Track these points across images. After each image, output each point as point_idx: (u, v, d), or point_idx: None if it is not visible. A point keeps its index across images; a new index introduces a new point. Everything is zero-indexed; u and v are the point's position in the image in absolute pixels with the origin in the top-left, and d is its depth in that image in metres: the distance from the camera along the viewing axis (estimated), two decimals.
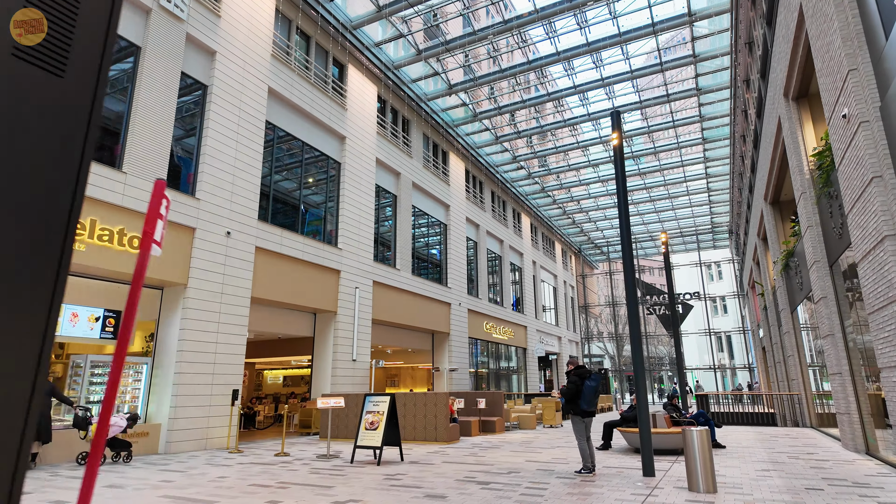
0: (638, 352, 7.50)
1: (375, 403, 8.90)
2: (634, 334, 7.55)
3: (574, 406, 7.54)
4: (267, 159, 13.94)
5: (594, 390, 7.45)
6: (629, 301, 7.63)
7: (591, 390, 7.44)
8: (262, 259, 13.08)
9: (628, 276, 7.76)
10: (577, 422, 7.52)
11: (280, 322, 14.40)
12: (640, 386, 7.46)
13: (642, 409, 7.30)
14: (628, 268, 7.82)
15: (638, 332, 7.56)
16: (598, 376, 7.57)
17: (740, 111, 20.48)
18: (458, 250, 23.08)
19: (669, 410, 10.86)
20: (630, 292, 7.65)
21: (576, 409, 7.52)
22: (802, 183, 10.83)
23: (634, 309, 7.58)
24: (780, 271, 16.00)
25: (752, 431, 14.49)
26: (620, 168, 8.10)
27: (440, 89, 20.73)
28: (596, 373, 7.59)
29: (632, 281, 7.69)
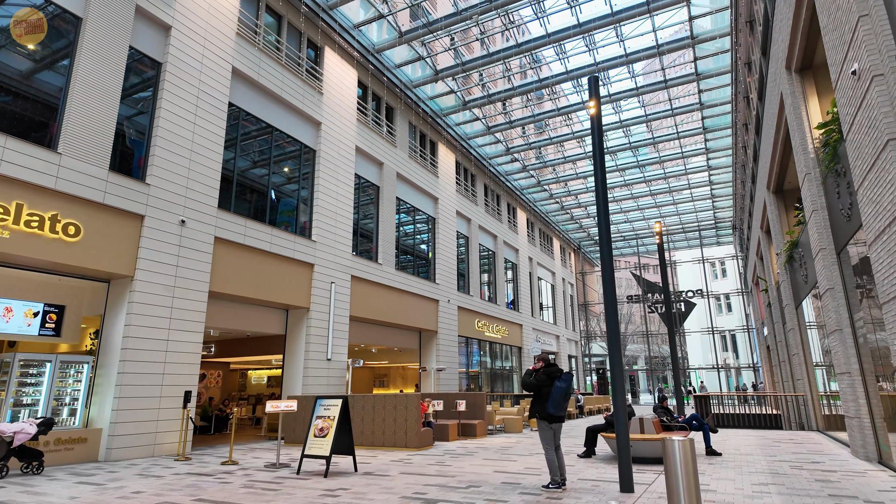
0: (615, 350, 6.54)
1: (326, 407, 7.96)
2: (612, 331, 6.59)
3: (540, 408, 6.58)
4: (231, 144, 13.04)
5: (564, 392, 6.49)
6: (606, 290, 6.67)
7: (561, 392, 6.48)
8: (223, 250, 12.17)
9: (605, 265, 6.79)
10: (544, 428, 6.56)
11: (247, 319, 13.49)
12: (618, 388, 6.49)
13: (619, 415, 6.33)
14: (606, 254, 6.85)
15: (616, 329, 6.60)
16: (569, 377, 6.61)
17: (742, 98, 19.43)
18: (448, 245, 22.13)
19: (660, 414, 9.87)
20: (607, 281, 6.69)
21: (541, 411, 6.56)
22: (807, 163, 9.82)
23: (612, 300, 6.62)
24: (784, 263, 14.96)
25: (754, 436, 13.47)
26: (598, 142, 7.12)
27: (426, 75, 19.78)
28: (567, 373, 6.63)
29: (609, 270, 6.73)
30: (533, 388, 6.62)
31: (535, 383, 6.62)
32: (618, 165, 27.24)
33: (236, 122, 13.27)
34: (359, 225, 17.21)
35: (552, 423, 6.53)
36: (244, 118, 13.51)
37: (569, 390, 6.54)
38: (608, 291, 6.62)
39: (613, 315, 6.57)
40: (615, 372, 6.56)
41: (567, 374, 6.62)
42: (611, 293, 6.58)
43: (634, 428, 9.07)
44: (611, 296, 6.55)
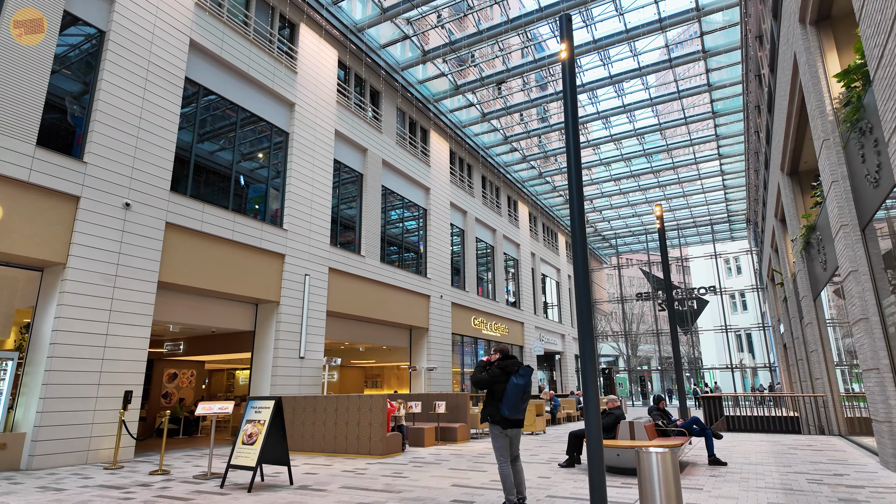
0: (587, 342, 5.31)
1: (257, 410, 6.84)
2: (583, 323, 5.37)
3: (492, 410, 5.38)
4: (188, 123, 12.01)
5: (521, 391, 5.30)
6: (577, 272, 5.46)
7: (518, 391, 5.29)
8: (177, 237, 11.13)
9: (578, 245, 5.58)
10: (497, 435, 5.36)
11: (210, 313, 12.45)
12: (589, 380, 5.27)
13: (590, 418, 5.11)
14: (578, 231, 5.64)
15: (588, 320, 5.38)
16: (528, 371, 5.42)
17: (753, 76, 18.04)
18: (441, 238, 20.97)
19: (655, 417, 8.61)
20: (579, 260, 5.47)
21: (494, 414, 5.37)
22: (824, 127, 8.51)
23: (585, 286, 5.40)
24: (800, 250, 13.58)
25: (768, 441, 12.11)
26: (570, 92, 5.91)
27: (414, 57, 18.66)
28: (526, 367, 5.44)
29: (582, 250, 5.52)
30: (484, 384, 5.43)
31: (486, 379, 5.43)
32: (623, 154, 25.88)
33: (195, 100, 12.25)
34: (339, 214, 16.11)
35: (507, 428, 5.34)
36: (204, 95, 12.48)
37: (528, 388, 5.35)
38: (579, 264, 5.41)
39: (585, 293, 5.36)
40: (585, 360, 5.33)
41: (526, 367, 5.42)
42: (582, 264, 5.37)
43: (624, 433, 7.83)
44: (582, 268, 5.35)
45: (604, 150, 25.96)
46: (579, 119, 22.72)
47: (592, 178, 29.04)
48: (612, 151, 26.21)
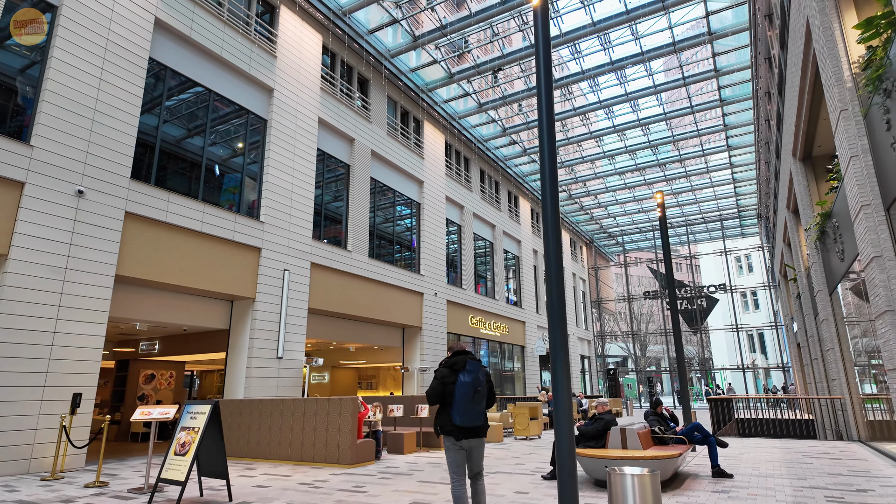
0: (557, 330, 4.45)
1: (193, 416, 6.02)
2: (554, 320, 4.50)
3: (443, 419, 4.53)
4: (153, 106, 11.26)
5: (470, 390, 4.44)
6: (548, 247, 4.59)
7: (466, 391, 4.43)
8: (138, 228, 10.37)
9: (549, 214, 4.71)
10: (450, 448, 4.51)
11: (180, 310, 11.68)
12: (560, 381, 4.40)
13: (561, 422, 4.23)
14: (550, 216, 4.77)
15: (559, 305, 4.52)
16: (476, 367, 4.56)
17: (763, 60, 17.02)
18: (435, 233, 20.11)
19: (652, 422, 7.69)
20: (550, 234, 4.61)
21: (445, 423, 4.52)
22: (842, 96, 7.55)
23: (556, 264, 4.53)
24: (815, 241, 12.57)
25: (780, 448, 11.12)
26: (543, 40, 5.03)
27: (404, 43, 17.83)
28: (474, 362, 4.58)
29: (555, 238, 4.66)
30: (433, 394, 4.60)
31: (434, 386, 4.61)
32: (627, 147, 24.89)
33: (160, 82, 11.49)
34: (323, 207, 15.31)
35: (461, 438, 4.48)
36: (172, 78, 11.73)
37: (479, 386, 4.49)
38: (550, 237, 4.54)
39: (558, 275, 4.49)
40: (556, 357, 4.46)
41: (473, 362, 4.56)
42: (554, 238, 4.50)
43: (615, 441, 6.92)
44: (554, 245, 4.48)
45: (607, 141, 24.97)
46: (581, 109, 21.79)
47: (596, 172, 28.06)
48: (616, 143, 25.23)
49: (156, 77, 11.38)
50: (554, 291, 4.47)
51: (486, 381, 4.69)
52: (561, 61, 19.97)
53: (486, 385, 4.67)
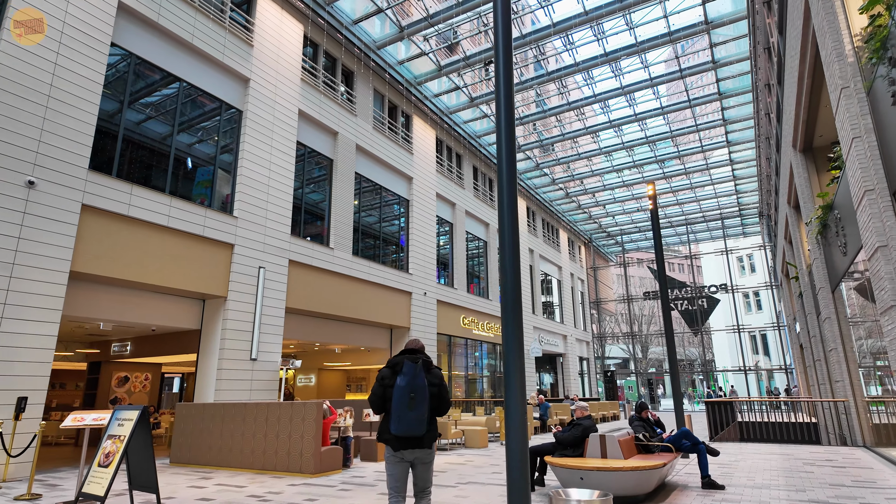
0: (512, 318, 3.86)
1: (121, 422, 5.43)
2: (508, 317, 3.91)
3: (382, 427, 3.97)
4: (116, 92, 10.69)
5: (405, 394, 3.85)
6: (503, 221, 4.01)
7: (401, 395, 3.86)
8: (98, 223, 9.80)
9: (504, 179, 4.13)
10: (389, 458, 3.96)
11: (146, 310, 11.10)
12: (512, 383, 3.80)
13: (512, 427, 3.63)
14: (506, 182, 4.19)
15: (516, 315, 3.94)
16: (411, 369, 3.95)
17: (762, 50, 16.39)
18: (425, 231, 19.52)
19: (637, 428, 7.06)
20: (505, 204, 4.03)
21: (383, 432, 3.95)
22: (843, 73, 6.94)
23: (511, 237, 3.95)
24: (816, 235, 11.93)
25: (780, 454, 10.46)
26: None
27: (391, 34, 17.25)
28: (413, 363, 3.98)
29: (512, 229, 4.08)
30: (375, 400, 4.04)
31: (375, 389, 4.04)
32: (624, 143, 24.26)
33: (125, 69, 10.93)
34: (304, 202, 14.73)
35: (398, 449, 3.89)
36: (138, 65, 11.17)
37: (412, 390, 3.88)
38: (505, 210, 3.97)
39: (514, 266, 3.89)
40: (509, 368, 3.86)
41: (411, 364, 3.96)
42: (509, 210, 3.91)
43: (593, 449, 6.29)
44: (509, 215, 3.90)
45: (603, 137, 24.35)
46: (575, 103, 21.18)
47: (593, 169, 27.43)
48: (613, 139, 24.61)
49: (119, 64, 10.82)
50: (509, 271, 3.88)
51: (436, 384, 4.08)
52: (554, 52, 19.37)
53: (435, 389, 4.05)
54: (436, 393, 4.03)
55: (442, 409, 4.09)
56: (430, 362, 4.10)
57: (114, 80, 10.71)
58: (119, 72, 10.82)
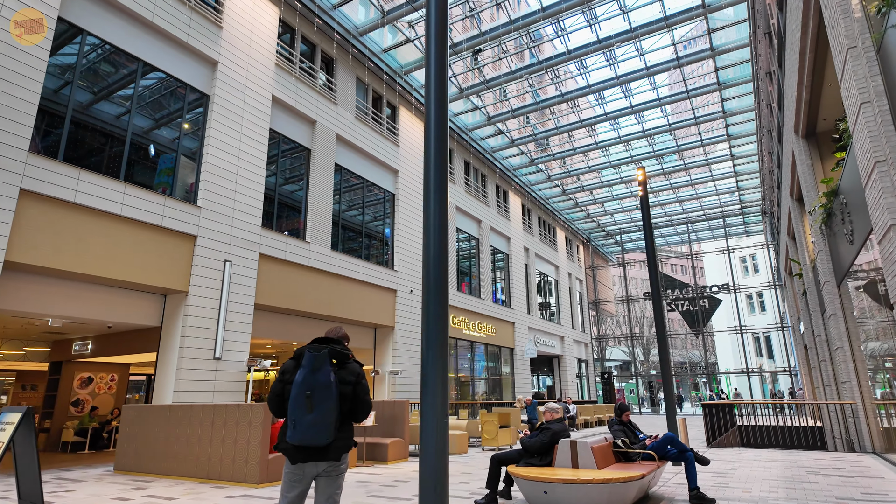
0: (434, 340, 3.08)
1: (2, 427, 4.66)
2: (430, 297, 3.14)
3: (282, 433, 3.18)
4: (63, 72, 9.96)
5: (300, 392, 3.07)
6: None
7: (296, 394, 3.09)
8: (38, 209, 9.06)
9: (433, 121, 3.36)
10: (286, 472, 3.20)
11: (101, 305, 10.34)
12: (431, 384, 3.01)
13: (428, 434, 2.83)
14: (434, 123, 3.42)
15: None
16: (310, 360, 3.15)
17: (763, 35, 15.58)
18: (412, 227, 18.74)
19: (616, 434, 6.24)
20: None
21: (280, 438, 3.19)
22: (849, 31, 6.13)
23: (438, 198, 3.17)
24: (821, 225, 11.09)
25: (782, 461, 9.62)
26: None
27: (373, 20, 16.51)
28: (314, 353, 3.17)
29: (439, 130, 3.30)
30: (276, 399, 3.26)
31: (273, 387, 3.28)
32: (620, 137, 23.45)
33: (75, 46, 10.20)
34: (277, 193, 13.98)
35: (296, 461, 3.11)
36: (91, 43, 10.44)
37: (308, 388, 3.08)
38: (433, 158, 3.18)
39: (439, 211, 3.11)
40: (430, 347, 3.08)
41: (312, 355, 3.17)
42: (437, 157, 3.13)
43: (563, 458, 5.48)
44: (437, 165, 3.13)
45: (600, 130, 23.57)
46: (567, 95, 20.39)
47: (590, 165, 26.61)
48: (610, 133, 23.81)
49: (67, 39, 10.09)
50: (433, 236, 3.10)
51: (350, 381, 3.26)
52: (547, 39, 18.61)
53: (348, 387, 3.23)
54: (349, 393, 3.22)
55: (359, 413, 3.29)
56: (344, 354, 3.30)
57: (62, 59, 9.98)
58: (68, 50, 10.08)
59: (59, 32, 9.86)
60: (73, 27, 10.12)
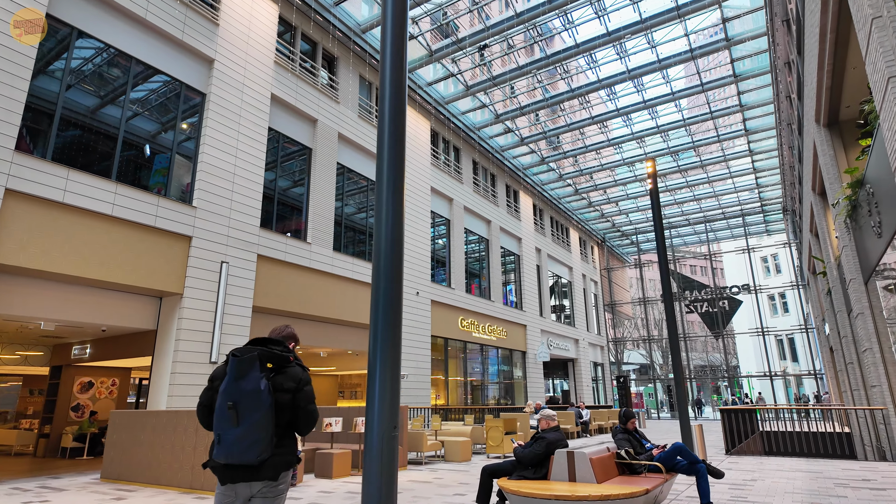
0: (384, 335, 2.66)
1: None
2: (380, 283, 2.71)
3: (212, 448, 2.74)
4: (56, 71, 9.76)
5: (223, 403, 2.63)
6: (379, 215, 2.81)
7: (219, 404, 2.64)
8: (24, 209, 8.83)
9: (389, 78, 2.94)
10: (217, 493, 2.75)
11: (93, 308, 10.10)
12: (379, 396, 2.57)
13: (370, 451, 2.40)
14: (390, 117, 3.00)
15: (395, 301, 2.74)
16: (235, 365, 2.70)
17: (780, 23, 14.90)
18: (417, 227, 18.34)
19: (620, 443, 5.73)
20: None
21: (210, 454, 2.73)
22: (874, 1, 5.58)
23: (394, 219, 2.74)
24: (845, 218, 10.41)
25: (807, 472, 8.97)
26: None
27: (374, 16, 16.19)
28: (241, 356, 2.72)
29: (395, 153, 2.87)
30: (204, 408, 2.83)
31: (204, 391, 2.84)
32: (634, 133, 22.81)
33: (65, 45, 9.99)
34: (276, 193, 13.68)
35: (224, 481, 2.69)
36: (80, 38, 10.23)
37: (236, 395, 2.63)
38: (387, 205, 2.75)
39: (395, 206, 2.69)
40: (376, 357, 2.65)
41: (234, 360, 2.71)
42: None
43: (559, 471, 4.98)
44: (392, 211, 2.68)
45: (612, 127, 22.95)
46: (576, 90, 19.84)
47: (602, 163, 25.96)
48: (623, 130, 23.19)
49: (58, 38, 9.89)
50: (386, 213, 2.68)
51: (289, 388, 2.77)
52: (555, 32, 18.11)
53: (287, 396, 2.75)
54: (287, 401, 2.76)
55: (301, 425, 2.81)
56: (283, 357, 2.84)
57: (51, 56, 9.77)
58: (57, 47, 9.88)
59: (47, 29, 9.66)
60: (63, 24, 9.92)
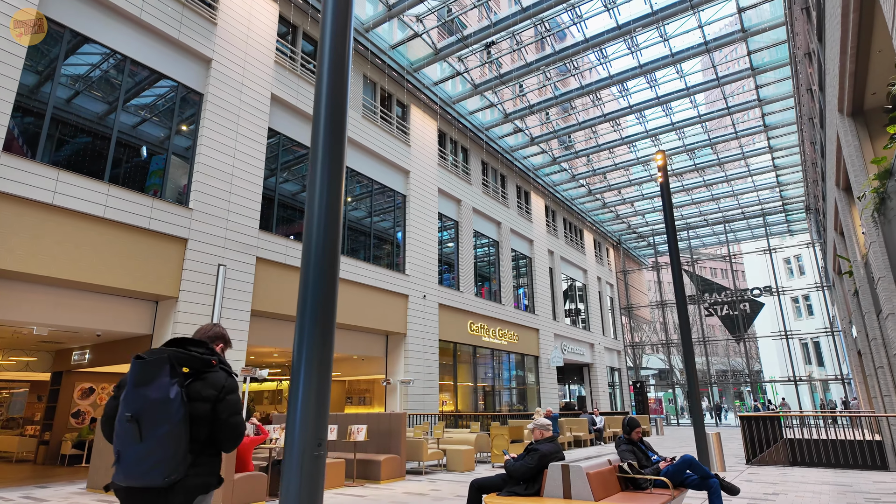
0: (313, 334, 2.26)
1: None
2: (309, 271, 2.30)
3: None
4: (46, 70, 9.59)
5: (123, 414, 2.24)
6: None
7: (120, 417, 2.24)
8: (15, 211, 8.62)
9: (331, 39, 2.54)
10: None
11: (86, 312, 9.88)
12: (303, 404, 2.16)
13: (290, 471, 1.99)
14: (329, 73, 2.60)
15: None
16: (137, 370, 2.30)
17: (800, 11, 14.25)
18: (424, 229, 17.95)
19: (624, 454, 5.23)
20: (328, 72, 2.43)
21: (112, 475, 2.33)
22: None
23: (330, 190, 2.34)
24: (873, 212, 9.75)
25: (835, 485, 8.32)
26: None
27: (378, 14, 15.89)
28: (143, 360, 2.32)
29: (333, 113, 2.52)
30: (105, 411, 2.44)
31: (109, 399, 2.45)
32: (647, 131, 22.19)
33: (56, 44, 9.82)
34: (277, 194, 13.41)
35: (125, 502, 2.28)
36: (73, 40, 10.06)
37: (137, 406, 2.22)
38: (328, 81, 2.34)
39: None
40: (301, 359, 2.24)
41: (136, 363, 2.31)
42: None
43: (553, 487, 4.50)
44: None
45: (625, 125, 22.35)
46: (590, 86, 19.31)
47: (616, 162, 25.32)
48: (636, 128, 22.58)
49: (51, 37, 9.72)
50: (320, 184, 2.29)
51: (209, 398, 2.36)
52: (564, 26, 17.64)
53: (206, 406, 2.34)
54: (205, 412, 2.34)
55: (224, 440, 2.40)
56: (203, 360, 2.43)
57: (42, 56, 9.61)
58: (49, 46, 9.72)
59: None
60: (54, 23, 9.75)
